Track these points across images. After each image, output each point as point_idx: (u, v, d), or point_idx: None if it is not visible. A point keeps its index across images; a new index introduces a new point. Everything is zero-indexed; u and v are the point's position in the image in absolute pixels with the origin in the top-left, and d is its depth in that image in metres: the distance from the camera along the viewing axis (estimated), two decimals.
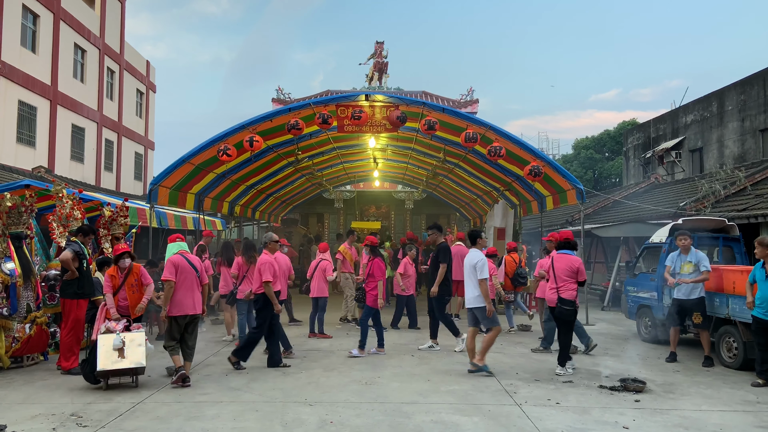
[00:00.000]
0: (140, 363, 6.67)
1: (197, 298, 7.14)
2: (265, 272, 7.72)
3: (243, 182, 15.30)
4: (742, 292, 7.69)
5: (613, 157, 38.38)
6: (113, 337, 6.66)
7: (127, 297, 7.09)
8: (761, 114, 18.70)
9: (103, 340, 6.65)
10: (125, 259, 7.14)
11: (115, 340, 6.62)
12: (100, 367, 6.51)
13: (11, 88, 18.23)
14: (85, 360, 6.80)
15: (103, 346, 6.60)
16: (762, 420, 5.77)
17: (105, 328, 6.76)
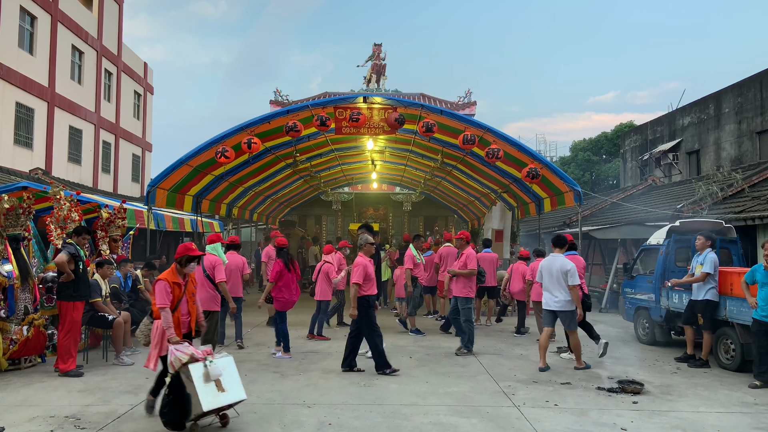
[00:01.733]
0: (241, 395, 5.42)
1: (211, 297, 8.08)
2: (355, 275, 7.73)
3: (241, 184, 15.31)
4: (740, 294, 7.71)
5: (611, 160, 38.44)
6: (210, 366, 5.25)
7: (189, 311, 5.77)
8: (758, 116, 18.76)
9: (195, 371, 5.17)
10: (192, 264, 5.79)
11: (213, 369, 5.25)
12: (206, 407, 5.11)
13: (8, 89, 18.20)
14: (170, 402, 5.28)
15: (199, 378, 5.16)
16: (759, 422, 5.78)
17: (188, 355, 5.23)
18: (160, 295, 5.44)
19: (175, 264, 5.68)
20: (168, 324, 5.38)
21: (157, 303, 5.43)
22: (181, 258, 5.68)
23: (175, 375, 5.24)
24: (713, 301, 8.14)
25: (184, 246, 5.76)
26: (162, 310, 5.40)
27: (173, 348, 5.26)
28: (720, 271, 8.28)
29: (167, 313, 5.41)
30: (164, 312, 5.39)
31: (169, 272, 5.63)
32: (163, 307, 5.40)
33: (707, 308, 8.15)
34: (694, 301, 8.31)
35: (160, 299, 5.43)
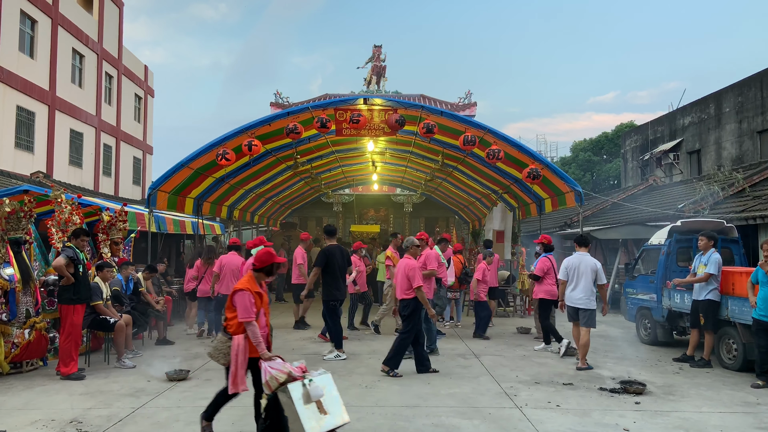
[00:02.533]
0: (344, 417, 4.89)
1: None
2: (415, 277, 7.65)
3: (242, 186, 15.31)
4: (742, 294, 7.70)
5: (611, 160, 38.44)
6: (310, 386, 4.68)
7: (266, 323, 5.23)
8: (759, 116, 18.75)
9: (295, 392, 4.61)
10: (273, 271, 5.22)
11: (314, 389, 4.67)
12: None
13: (9, 93, 18.23)
14: (268, 428, 4.81)
15: (299, 400, 4.59)
16: (762, 421, 5.77)
17: (285, 374, 4.69)
18: (245, 308, 4.86)
19: (254, 272, 5.12)
20: (257, 339, 4.87)
21: (241, 316, 4.86)
22: (265, 267, 5.12)
23: (271, 396, 4.70)
24: (715, 302, 8.12)
25: (267, 252, 5.14)
26: (248, 324, 4.85)
27: (267, 366, 4.74)
28: (722, 270, 8.26)
29: (255, 328, 4.87)
30: (251, 326, 4.86)
31: (250, 281, 5.04)
32: (249, 321, 4.85)
33: (709, 308, 8.13)
34: (697, 301, 8.30)
35: (245, 312, 4.86)
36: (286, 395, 4.61)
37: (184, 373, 7.36)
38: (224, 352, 4.98)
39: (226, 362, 4.98)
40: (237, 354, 4.85)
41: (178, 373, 7.32)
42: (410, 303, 7.72)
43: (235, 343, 4.88)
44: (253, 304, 4.90)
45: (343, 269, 8.90)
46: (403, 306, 7.79)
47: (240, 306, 4.88)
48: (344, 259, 8.94)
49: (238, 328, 4.89)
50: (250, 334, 4.85)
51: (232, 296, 4.97)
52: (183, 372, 7.38)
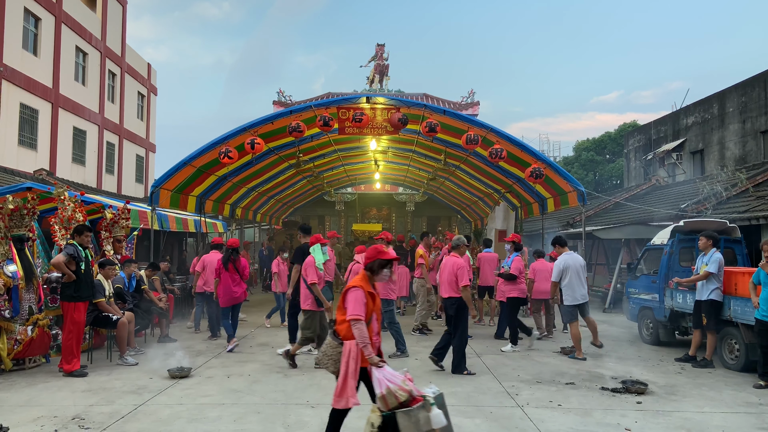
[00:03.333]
0: None
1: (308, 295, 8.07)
2: (463, 276, 7.72)
3: (244, 184, 15.32)
4: (744, 294, 7.69)
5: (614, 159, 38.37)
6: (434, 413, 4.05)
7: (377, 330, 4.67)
8: (762, 116, 18.70)
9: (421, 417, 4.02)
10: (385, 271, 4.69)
11: (436, 417, 4.05)
12: None
13: (13, 90, 18.27)
14: None
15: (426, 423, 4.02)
16: (764, 422, 5.76)
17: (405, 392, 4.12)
18: (356, 305, 4.36)
19: (366, 271, 4.63)
20: (365, 340, 4.32)
21: (351, 312, 4.35)
22: (373, 263, 4.62)
23: (388, 415, 4.10)
24: (717, 302, 8.11)
25: (375, 249, 4.67)
26: (356, 323, 4.33)
27: (383, 377, 4.18)
28: (724, 271, 8.24)
29: (363, 327, 4.34)
30: (359, 325, 4.33)
31: (363, 279, 4.55)
32: (359, 319, 4.33)
33: (711, 308, 8.12)
34: (699, 301, 8.29)
35: (356, 308, 4.35)
36: (410, 420, 4.02)
37: (186, 371, 7.37)
38: (334, 359, 4.48)
39: (335, 370, 4.49)
40: (348, 361, 4.34)
41: (180, 370, 7.34)
42: (457, 301, 7.77)
43: (346, 349, 4.37)
44: (365, 304, 4.40)
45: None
46: (450, 304, 7.84)
47: (351, 303, 4.40)
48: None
49: (349, 331, 4.40)
50: (357, 334, 4.32)
51: (344, 294, 4.51)
52: (185, 369, 7.40)
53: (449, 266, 7.86)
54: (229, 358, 8.58)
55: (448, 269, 7.88)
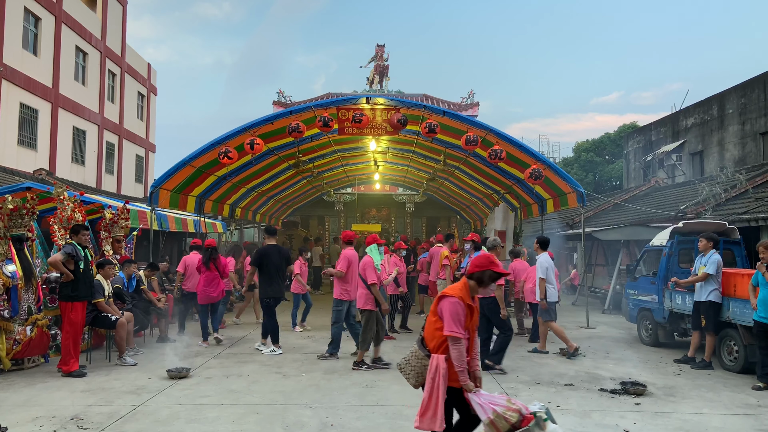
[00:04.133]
0: None
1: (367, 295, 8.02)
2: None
3: (244, 185, 15.32)
4: (743, 296, 7.69)
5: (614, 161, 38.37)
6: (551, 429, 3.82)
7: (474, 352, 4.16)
8: (762, 117, 18.71)
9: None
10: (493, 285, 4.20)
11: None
12: None
13: (12, 90, 18.26)
14: None
15: None
16: (763, 423, 5.76)
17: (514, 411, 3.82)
18: (455, 319, 3.87)
19: (469, 280, 4.10)
20: (462, 364, 3.85)
21: (448, 328, 3.87)
22: (482, 273, 4.06)
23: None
24: (716, 303, 8.11)
25: (487, 258, 4.15)
26: (455, 342, 3.85)
27: (485, 401, 3.83)
28: (723, 272, 8.25)
29: (462, 347, 3.86)
30: (458, 345, 3.85)
31: (463, 289, 4.04)
32: (457, 337, 3.85)
33: (710, 310, 8.12)
34: (698, 302, 8.29)
35: (454, 324, 3.86)
36: None
37: (185, 371, 7.37)
38: (417, 371, 4.07)
39: (417, 383, 4.11)
40: (435, 379, 3.87)
41: (179, 371, 7.34)
42: (492, 301, 7.95)
43: (433, 364, 3.91)
44: (463, 319, 3.92)
45: (279, 268, 9.04)
46: (485, 304, 7.97)
47: (448, 315, 3.89)
48: (281, 258, 9.09)
49: (441, 343, 3.93)
50: (454, 354, 3.85)
51: (438, 302, 4.04)
52: (184, 370, 7.39)
53: None
54: (228, 358, 8.58)
55: None
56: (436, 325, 3.99)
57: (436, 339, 3.97)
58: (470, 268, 4.13)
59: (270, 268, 8.94)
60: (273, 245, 9.24)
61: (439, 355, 3.92)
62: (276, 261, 8.98)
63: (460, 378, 3.86)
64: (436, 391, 3.86)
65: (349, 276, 8.46)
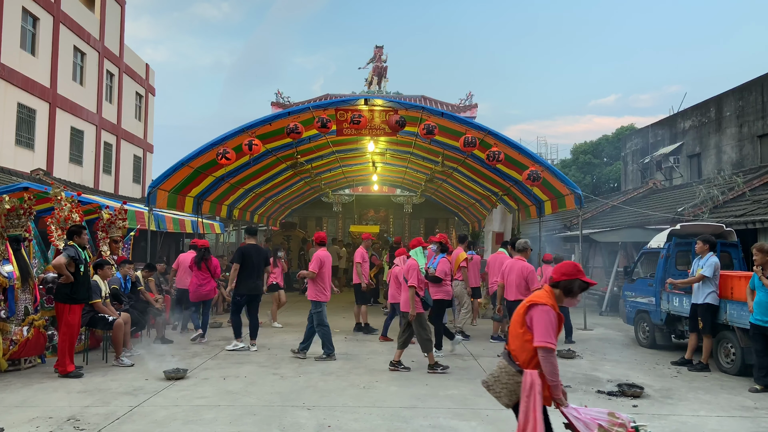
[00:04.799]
0: None
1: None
2: (534, 280, 7.95)
3: (242, 185, 15.31)
4: (740, 298, 7.70)
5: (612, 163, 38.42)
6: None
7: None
8: (759, 120, 18.76)
9: None
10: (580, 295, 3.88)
11: None
12: None
13: (10, 90, 18.24)
14: None
15: None
16: (760, 426, 5.77)
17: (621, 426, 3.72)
18: (548, 329, 3.62)
19: (554, 288, 3.84)
20: (556, 377, 3.62)
21: (540, 338, 3.61)
22: (571, 283, 3.78)
23: None
24: (713, 305, 8.13)
25: (574, 266, 3.85)
26: (548, 353, 3.60)
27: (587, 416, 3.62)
28: (720, 274, 8.26)
29: (555, 359, 3.61)
30: (552, 358, 3.60)
31: (551, 297, 3.79)
32: (551, 348, 3.60)
33: (707, 312, 8.13)
34: (695, 305, 8.30)
35: (547, 334, 3.61)
36: None
37: (182, 372, 7.36)
38: (510, 389, 3.77)
39: (509, 402, 3.79)
40: (530, 396, 3.58)
41: (176, 371, 7.32)
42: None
43: (527, 381, 3.64)
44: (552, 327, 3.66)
45: (257, 267, 9.37)
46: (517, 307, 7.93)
47: (540, 324, 3.62)
48: (260, 257, 9.47)
49: (532, 357, 3.67)
50: (546, 367, 3.59)
51: (527, 310, 3.76)
52: (181, 371, 7.38)
53: (517, 269, 8.08)
54: (225, 359, 8.56)
55: (516, 272, 8.08)
56: (526, 337, 3.69)
57: (527, 351, 3.68)
58: (556, 276, 3.84)
59: (249, 266, 9.25)
60: (253, 245, 9.58)
61: (532, 370, 3.64)
62: (255, 260, 9.33)
63: (553, 393, 3.63)
64: (533, 411, 3.56)
65: (322, 276, 8.63)
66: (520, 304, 3.88)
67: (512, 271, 8.14)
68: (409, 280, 7.91)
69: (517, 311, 3.83)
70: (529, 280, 7.97)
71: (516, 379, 3.72)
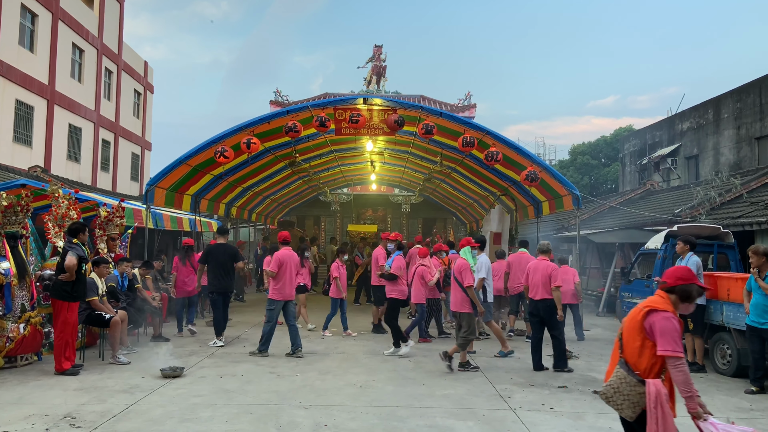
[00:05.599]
0: None
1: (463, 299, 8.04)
2: (557, 278, 8.10)
3: (240, 184, 15.31)
4: (737, 299, 7.72)
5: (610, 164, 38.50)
6: None
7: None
8: (757, 122, 18.80)
9: None
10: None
11: None
12: None
13: (8, 87, 18.19)
14: None
15: None
16: (756, 427, 5.76)
17: None
18: (674, 337, 3.42)
19: (669, 295, 3.62)
20: (690, 388, 3.38)
21: (668, 347, 3.41)
22: (689, 288, 3.60)
23: None
24: (702, 306, 8.18)
25: (689, 271, 3.69)
26: (679, 362, 3.39)
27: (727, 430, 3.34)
28: (717, 276, 8.28)
29: (685, 367, 3.42)
30: (683, 367, 3.40)
31: (669, 303, 3.58)
32: (680, 357, 3.40)
33: (697, 313, 8.17)
34: None
35: (673, 342, 3.41)
36: None
37: (179, 370, 7.35)
38: (632, 401, 3.54)
39: (634, 414, 3.57)
40: (658, 407, 3.39)
41: (173, 370, 7.32)
42: (550, 302, 8.12)
43: (652, 391, 3.43)
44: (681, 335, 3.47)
45: (224, 265, 9.65)
46: (544, 306, 8.14)
47: (666, 332, 3.43)
48: (226, 256, 9.75)
49: (652, 365, 3.50)
50: (678, 377, 3.38)
51: (645, 316, 3.55)
52: (177, 369, 7.37)
53: (542, 269, 8.24)
54: (222, 358, 8.56)
55: (540, 272, 8.24)
56: (645, 344, 3.52)
57: (647, 359, 3.51)
58: (671, 281, 3.64)
59: (215, 265, 9.62)
60: (221, 244, 9.95)
61: (655, 379, 3.47)
62: (221, 259, 9.65)
63: (688, 404, 3.38)
64: (662, 423, 3.38)
65: (281, 275, 8.85)
66: (634, 310, 3.69)
67: (537, 271, 8.29)
68: (464, 281, 7.95)
69: (633, 317, 3.64)
70: (553, 278, 8.15)
71: (638, 390, 3.51)
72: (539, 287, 8.15)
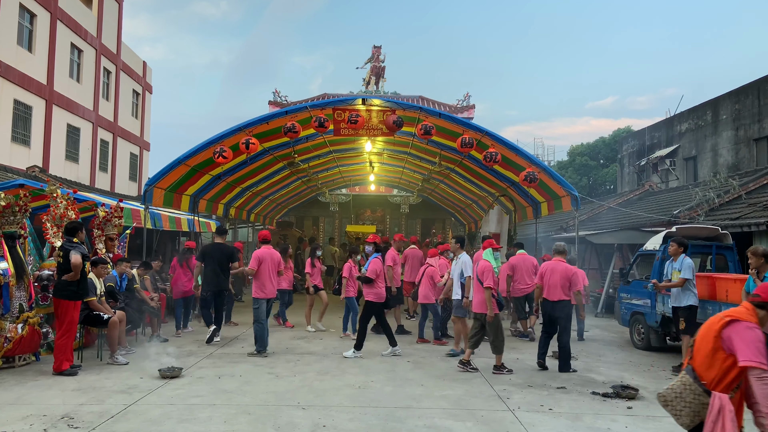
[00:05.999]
0: None
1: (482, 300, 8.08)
2: (578, 282, 8.32)
3: (238, 184, 15.29)
4: (735, 300, 7.73)
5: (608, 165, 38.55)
6: None
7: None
8: (755, 123, 18.83)
9: None
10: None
11: None
12: None
13: (7, 87, 18.16)
14: None
15: None
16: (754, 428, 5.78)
17: None
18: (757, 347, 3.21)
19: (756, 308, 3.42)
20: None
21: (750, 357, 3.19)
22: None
23: None
24: (695, 306, 8.21)
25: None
26: (762, 374, 3.17)
27: None
28: (715, 277, 8.29)
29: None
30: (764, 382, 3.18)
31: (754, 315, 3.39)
32: (764, 368, 3.18)
33: (690, 313, 8.21)
34: (676, 308, 8.33)
35: (757, 353, 3.19)
36: None
37: (177, 371, 7.34)
38: (693, 409, 3.41)
39: (690, 423, 3.45)
40: (717, 423, 3.25)
41: (171, 370, 7.31)
42: (567, 303, 8.18)
43: (715, 405, 3.27)
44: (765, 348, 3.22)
45: (219, 264, 9.86)
46: (561, 307, 8.18)
47: (749, 342, 3.22)
48: (222, 256, 9.95)
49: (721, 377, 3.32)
50: (761, 390, 3.16)
51: (725, 325, 3.36)
52: (176, 369, 7.37)
53: (560, 271, 8.25)
54: (220, 358, 8.55)
55: (559, 273, 8.27)
56: (718, 354, 3.32)
57: (717, 370, 3.31)
58: (765, 295, 3.39)
59: (211, 264, 9.82)
60: (218, 243, 10.21)
61: (722, 394, 3.27)
62: (217, 257, 9.86)
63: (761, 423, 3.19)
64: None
65: (260, 273, 8.98)
66: (712, 319, 3.51)
67: (555, 272, 8.27)
68: (485, 282, 7.95)
69: (710, 326, 3.44)
70: (573, 282, 8.23)
71: (702, 400, 3.35)
72: (557, 288, 8.15)
